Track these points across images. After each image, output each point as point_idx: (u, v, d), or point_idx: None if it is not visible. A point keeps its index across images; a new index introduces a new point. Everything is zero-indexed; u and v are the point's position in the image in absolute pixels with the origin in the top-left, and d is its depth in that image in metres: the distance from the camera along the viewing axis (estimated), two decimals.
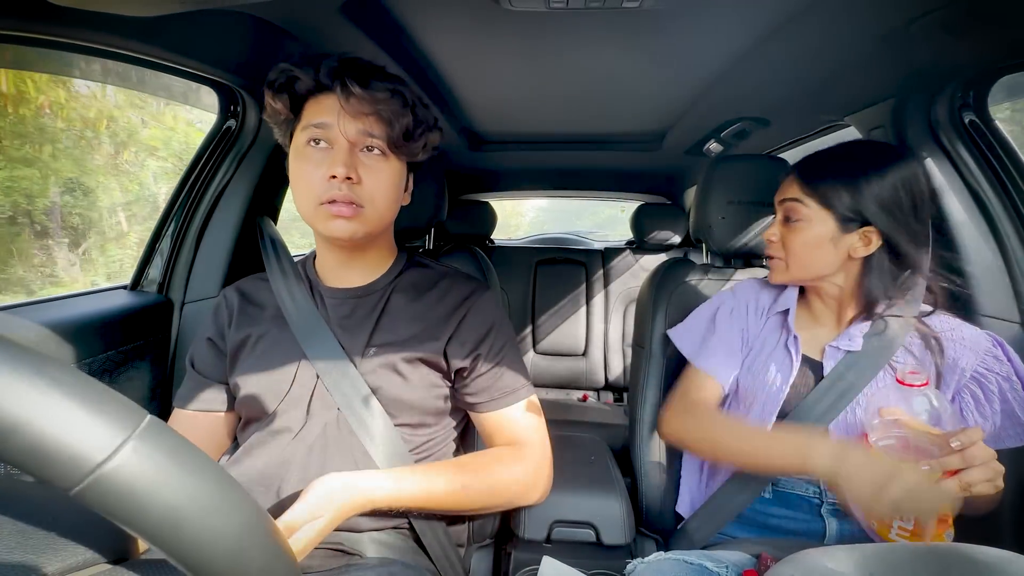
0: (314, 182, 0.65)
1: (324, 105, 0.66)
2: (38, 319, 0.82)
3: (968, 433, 0.58)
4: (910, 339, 0.76)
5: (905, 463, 0.60)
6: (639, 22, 0.85)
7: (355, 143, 0.66)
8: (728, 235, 1.01)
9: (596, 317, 2.21)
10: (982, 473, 0.57)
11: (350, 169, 0.64)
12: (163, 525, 0.26)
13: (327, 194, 0.64)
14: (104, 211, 5.02)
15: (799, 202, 0.76)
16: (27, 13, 0.63)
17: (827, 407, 0.75)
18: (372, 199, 0.67)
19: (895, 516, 0.62)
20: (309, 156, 0.66)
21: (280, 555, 0.33)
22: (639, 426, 0.99)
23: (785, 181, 0.80)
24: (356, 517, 0.68)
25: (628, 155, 1.87)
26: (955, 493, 0.58)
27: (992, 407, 0.71)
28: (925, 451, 0.59)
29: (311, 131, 0.66)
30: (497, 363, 0.75)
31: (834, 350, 0.78)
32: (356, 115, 0.65)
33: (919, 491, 0.58)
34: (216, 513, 0.28)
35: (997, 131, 0.88)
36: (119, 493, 0.25)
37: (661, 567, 0.71)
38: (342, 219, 0.65)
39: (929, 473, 0.58)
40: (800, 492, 0.79)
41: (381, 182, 0.68)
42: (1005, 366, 0.71)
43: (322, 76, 0.65)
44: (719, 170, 1.02)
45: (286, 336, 0.72)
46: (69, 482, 0.24)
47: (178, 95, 1.09)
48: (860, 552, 0.59)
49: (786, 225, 0.79)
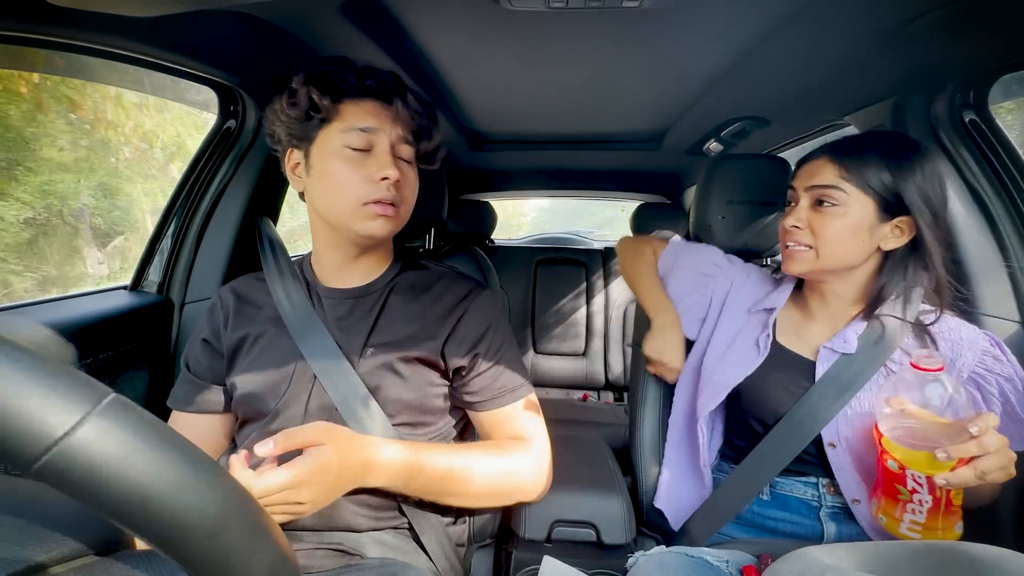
0: (358, 182, 0.67)
1: (368, 109, 0.69)
2: (38, 319, 0.82)
3: (985, 418, 0.57)
4: (908, 341, 0.75)
5: (921, 453, 0.59)
6: (639, 21, 0.85)
7: (394, 148, 0.70)
8: (728, 235, 1.01)
9: (596, 317, 2.21)
10: (997, 460, 0.56)
11: (397, 172, 0.67)
12: (130, 502, 0.26)
13: (375, 195, 0.67)
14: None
15: (835, 187, 0.71)
16: (27, 13, 0.62)
17: (823, 410, 0.74)
18: (407, 202, 0.72)
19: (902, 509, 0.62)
20: (348, 156, 0.68)
21: (267, 536, 0.32)
22: (639, 426, 0.99)
23: (810, 166, 0.76)
24: (357, 517, 0.69)
25: (628, 154, 1.87)
26: (971, 481, 0.57)
27: (992, 408, 0.70)
28: (935, 440, 0.58)
29: (354, 133, 0.67)
30: (496, 362, 0.75)
31: (828, 352, 0.77)
32: (401, 124, 0.70)
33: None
34: (189, 491, 0.28)
35: (997, 130, 0.88)
36: (80, 470, 0.25)
37: (663, 559, 0.71)
38: (385, 218, 0.68)
39: (944, 461, 0.57)
40: (799, 495, 0.79)
41: (412, 187, 0.73)
42: (1005, 366, 0.70)
43: (371, 82, 0.69)
44: (719, 170, 1.02)
45: (283, 336, 0.72)
46: (28, 458, 0.24)
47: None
48: (860, 550, 0.59)
49: (817, 210, 0.73)
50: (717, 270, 0.92)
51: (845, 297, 0.78)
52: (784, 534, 0.80)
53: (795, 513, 0.79)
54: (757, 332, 0.83)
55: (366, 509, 0.69)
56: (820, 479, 0.79)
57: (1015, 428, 0.69)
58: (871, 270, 0.76)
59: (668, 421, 0.94)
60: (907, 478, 0.61)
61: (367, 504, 0.69)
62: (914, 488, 0.61)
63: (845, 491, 0.75)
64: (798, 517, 0.79)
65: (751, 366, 0.80)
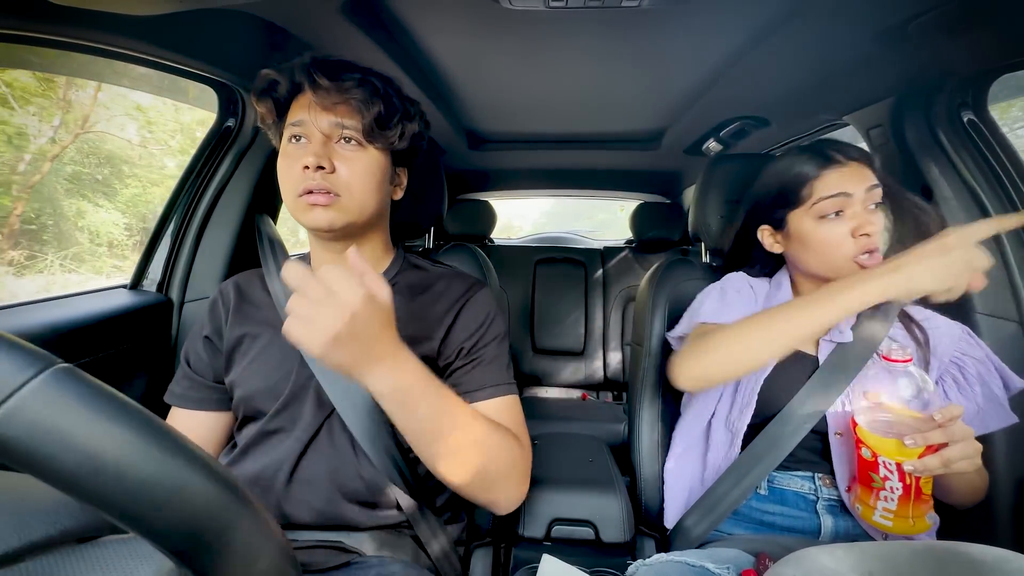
0: (292, 175, 0.67)
1: (300, 103, 0.69)
2: (39, 319, 0.82)
3: (950, 409, 0.60)
4: (893, 330, 0.77)
5: (891, 440, 0.62)
6: (638, 21, 0.86)
7: (329, 135, 0.68)
8: (727, 234, 1.01)
9: (595, 316, 2.22)
10: (962, 450, 0.60)
11: (321, 158, 0.65)
12: (79, 472, 0.25)
13: (302, 185, 0.66)
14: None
15: (879, 187, 0.74)
16: (27, 13, 0.63)
17: (820, 399, 0.76)
18: (348, 187, 0.68)
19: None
20: (289, 152, 0.69)
21: (244, 507, 0.31)
22: (638, 424, 0.99)
23: (850, 169, 0.74)
24: (356, 516, 0.69)
25: (627, 154, 1.87)
26: (937, 468, 0.60)
27: (973, 389, 0.74)
28: (909, 431, 0.62)
29: (290, 129, 0.69)
30: (482, 355, 0.73)
31: (828, 343, 0.79)
32: (327, 107, 0.67)
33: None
34: (148, 459, 0.27)
35: (996, 130, 0.88)
36: (20, 437, 0.24)
37: (663, 569, 0.71)
38: (319, 208, 0.67)
39: (912, 448, 0.60)
40: (796, 489, 0.80)
41: (357, 171, 0.68)
42: (978, 351, 0.75)
43: (296, 76, 0.68)
44: (718, 169, 1.03)
45: (282, 336, 0.72)
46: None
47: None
48: (859, 550, 0.59)
49: (876, 213, 0.74)
50: (734, 288, 0.89)
51: None
52: (782, 528, 0.80)
53: (792, 507, 0.80)
54: None
55: (366, 507, 0.69)
56: (816, 473, 0.79)
57: (993, 408, 0.73)
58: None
59: (672, 422, 0.94)
60: (879, 465, 0.64)
61: (366, 502, 0.69)
62: (886, 476, 0.63)
63: (841, 482, 0.76)
64: (795, 511, 0.79)
65: (767, 367, 0.81)
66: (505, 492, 0.67)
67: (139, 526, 0.27)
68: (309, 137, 0.68)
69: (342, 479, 0.68)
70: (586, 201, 4.04)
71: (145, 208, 6.66)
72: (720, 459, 0.84)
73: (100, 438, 0.26)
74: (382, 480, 0.69)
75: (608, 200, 2.96)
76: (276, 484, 0.67)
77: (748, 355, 0.71)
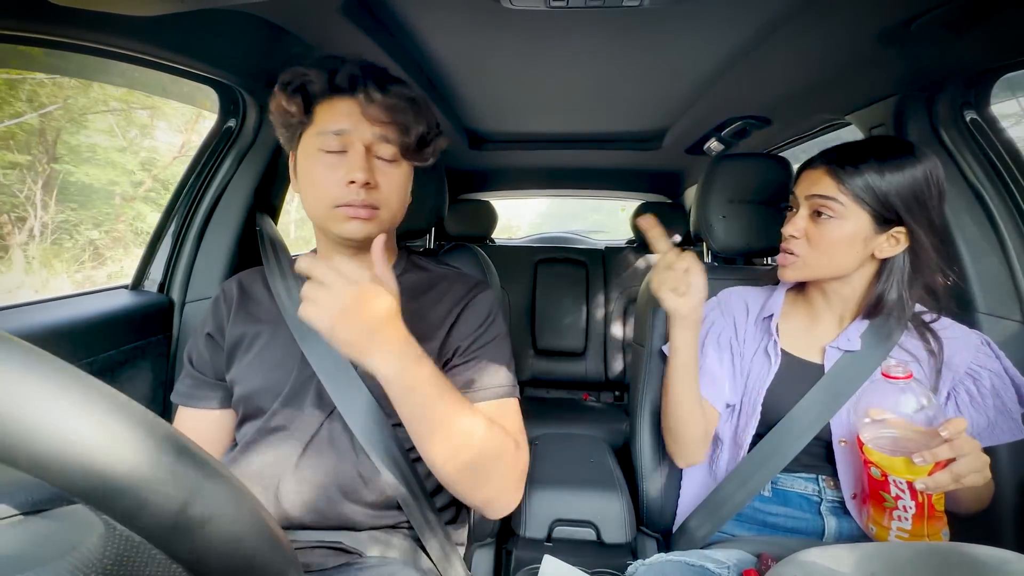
0: (329, 186, 0.66)
1: (339, 109, 0.66)
2: (40, 319, 0.82)
3: (954, 423, 0.59)
4: (905, 338, 0.76)
5: (900, 459, 0.61)
6: (639, 21, 0.85)
7: (369, 147, 0.66)
8: (729, 234, 1.00)
9: (596, 316, 2.21)
10: (970, 463, 0.59)
11: (369, 175, 0.65)
12: (16, 443, 0.24)
13: (344, 198, 0.65)
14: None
15: (832, 199, 0.71)
16: (27, 13, 0.63)
17: (823, 407, 0.75)
18: (388, 203, 0.68)
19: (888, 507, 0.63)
20: (323, 160, 0.66)
21: (203, 469, 0.29)
22: (639, 425, 0.99)
23: (809, 173, 0.75)
24: (356, 516, 0.69)
25: (628, 154, 1.87)
26: (949, 484, 0.59)
27: (986, 402, 0.72)
28: (913, 447, 0.61)
29: (328, 136, 0.66)
30: (482, 356, 0.73)
31: (834, 351, 0.78)
32: (373, 120, 0.66)
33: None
34: (92, 424, 0.25)
35: (999, 129, 0.88)
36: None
37: (663, 569, 0.70)
38: (359, 221, 0.66)
39: (921, 465, 0.59)
40: (799, 490, 0.80)
41: (395, 187, 0.69)
42: (995, 363, 0.73)
43: (339, 80, 0.66)
44: (720, 169, 1.02)
45: (283, 334, 0.72)
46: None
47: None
48: (861, 551, 0.59)
49: (815, 220, 0.74)
50: (716, 331, 0.88)
51: (849, 297, 0.79)
52: (785, 530, 0.80)
53: (796, 508, 0.79)
54: (765, 341, 0.83)
55: (366, 507, 0.69)
56: (820, 475, 0.79)
57: (1005, 421, 0.71)
58: (870, 274, 0.76)
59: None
60: (890, 484, 0.63)
61: (367, 502, 0.69)
62: (897, 495, 0.62)
63: (845, 487, 0.75)
64: (799, 512, 0.79)
65: (768, 376, 0.80)
66: (498, 493, 0.66)
67: (91, 499, 0.26)
68: (348, 147, 0.66)
69: (342, 479, 0.68)
70: (581, 202, 4.05)
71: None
72: (727, 468, 0.84)
73: (37, 404, 0.24)
74: (382, 480, 0.68)
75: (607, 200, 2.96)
76: (276, 483, 0.67)
77: (677, 414, 0.81)
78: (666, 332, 0.99)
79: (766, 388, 0.80)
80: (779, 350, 0.81)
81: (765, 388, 0.80)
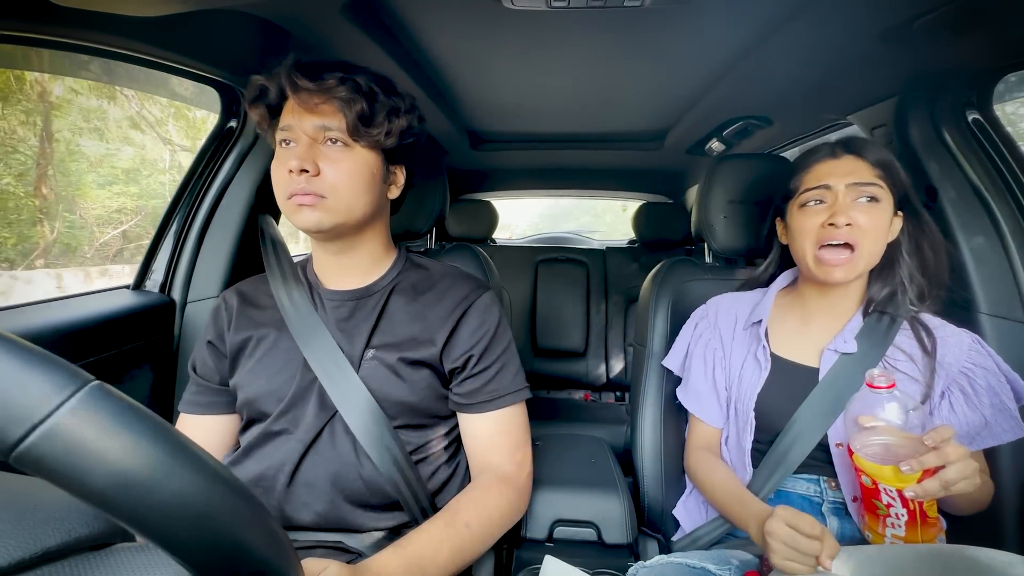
0: (280, 178, 0.68)
1: (288, 107, 0.69)
2: (41, 319, 0.82)
3: (939, 430, 0.58)
4: (900, 337, 0.76)
5: (888, 467, 0.61)
6: (640, 21, 0.85)
7: (314, 137, 0.68)
8: (730, 234, 1.00)
9: (597, 316, 2.21)
10: (959, 470, 0.58)
11: (304, 162, 0.66)
12: (110, 488, 0.26)
13: (289, 188, 0.67)
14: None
15: (875, 184, 0.72)
16: (27, 13, 0.63)
17: (824, 412, 0.74)
18: (334, 189, 0.67)
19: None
20: (279, 155, 0.70)
21: (261, 524, 0.32)
22: (640, 425, 0.99)
23: (840, 163, 0.74)
24: (358, 517, 0.69)
25: (629, 154, 1.86)
26: (938, 492, 0.58)
27: (981, 401, 0.71)
28: (905, 455, 0.60)
29: (280, 134, 0.70)
30: (490, 365, 0.74)
31: (831, 353, 0.77)
32: (310, 109, 0.67)
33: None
34: (174, 476, 0.28)
35: (1001, 129, 0.88)
36: (58, 455, 0.25)
37: (664, 571, 0.70)
38: (306, 208, 0.67)
39: (909, 473, 0.59)
40: (801, 491, 0.79)
41: (343, 172, 0.68)
42: (988, 361, 0.72)
43: (282, 81, 0.68)
44: (721, 169, 1.02)
45: (285, 338, 0.72)
46: (6, 444, 0.24)
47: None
48: (863, 553, 0.59)
49: (860, 208, 0.72)
50: (704, 342, 0.89)
51: (852, 294, 0.79)
52: None
53: (798, 509, 0.79)
54: (754, 347, 0.83)
55: (367, 509, 0.69)
56: (822, 476, 0.79)
57: (1003, 419, 0.70)
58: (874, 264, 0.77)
59: (674, 423, 0.94)
60: (881, 492, 0.62)
61: (367, 503, 0.69)
62: (889, 502, 0.62)
63: (845, 490, 0.75)
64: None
65: (759, 382, 0.80)
66: (511, 523, 0.74)
67: (162, 540, 0.28)
68: (296, 140, 0.68)
69: (343, 481, 0.68)
70: (572, 205, 4.05)
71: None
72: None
73: (131, 455, 0.27)
74: (383, 482, 0.69)
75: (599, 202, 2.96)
76: (277, 485, 0.67)
77: (711, 501, 0.81)
78: (666, 333, 0.99)
79: (756, 394, 0.79)
80: (768, 355, 0.81)
81: (756, 394, 0.79)
